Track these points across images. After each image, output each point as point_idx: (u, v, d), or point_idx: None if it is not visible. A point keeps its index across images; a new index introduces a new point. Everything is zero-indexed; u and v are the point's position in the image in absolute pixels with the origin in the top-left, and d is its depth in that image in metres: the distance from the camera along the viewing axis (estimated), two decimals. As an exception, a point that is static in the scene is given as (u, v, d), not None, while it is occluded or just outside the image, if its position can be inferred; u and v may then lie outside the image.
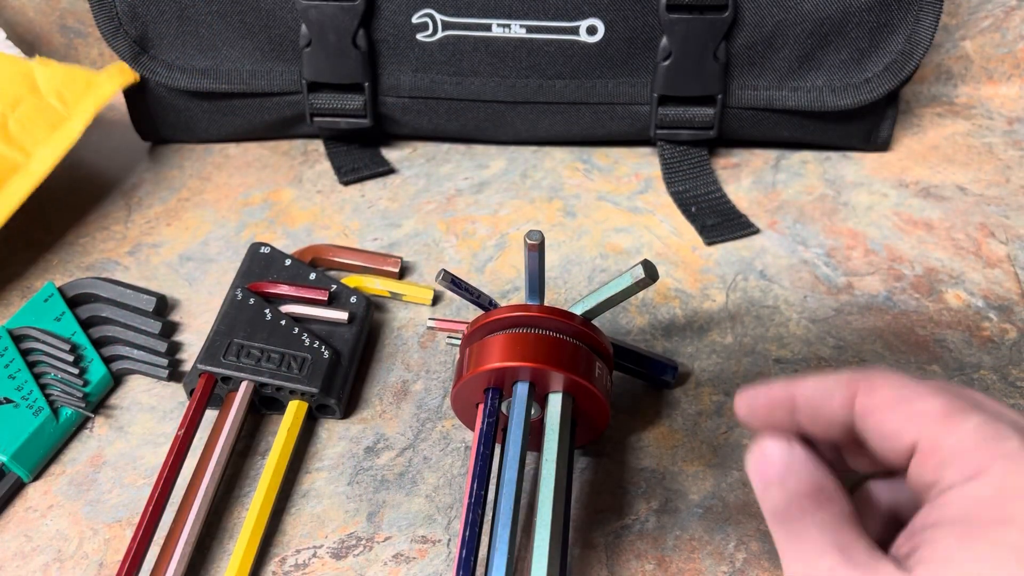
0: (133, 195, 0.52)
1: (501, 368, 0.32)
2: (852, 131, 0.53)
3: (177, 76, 0.51)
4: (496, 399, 0.33)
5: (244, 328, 0.39)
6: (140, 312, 0.42)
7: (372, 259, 0.45)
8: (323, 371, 0.38)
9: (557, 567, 0.28)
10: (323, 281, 0.42)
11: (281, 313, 0.40)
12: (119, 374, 0.41)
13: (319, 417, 0.39)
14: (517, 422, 0.32)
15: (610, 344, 0.35)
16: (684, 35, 0.48)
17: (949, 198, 0.51)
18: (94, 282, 0.43)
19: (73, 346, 0.40)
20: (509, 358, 0.32)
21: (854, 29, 0.48)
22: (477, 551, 0.30)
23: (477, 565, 0.30)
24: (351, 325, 0.41)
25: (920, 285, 0.45)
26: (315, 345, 0.39)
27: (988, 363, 0.41)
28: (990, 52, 0.60)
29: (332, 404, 0.38)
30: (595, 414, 0.34)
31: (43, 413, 0.37)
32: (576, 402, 0.33)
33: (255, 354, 0.38)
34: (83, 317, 0.42)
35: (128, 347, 0.41)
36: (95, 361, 0.40)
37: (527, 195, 0.52)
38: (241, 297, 0.41)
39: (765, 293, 0.45)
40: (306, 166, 0.55)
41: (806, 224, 0.49)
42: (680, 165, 0.53)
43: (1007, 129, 0.57)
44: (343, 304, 0.42)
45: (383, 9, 0.49)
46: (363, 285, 0.44)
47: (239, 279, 0.42)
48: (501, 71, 0.50)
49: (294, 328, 0.39)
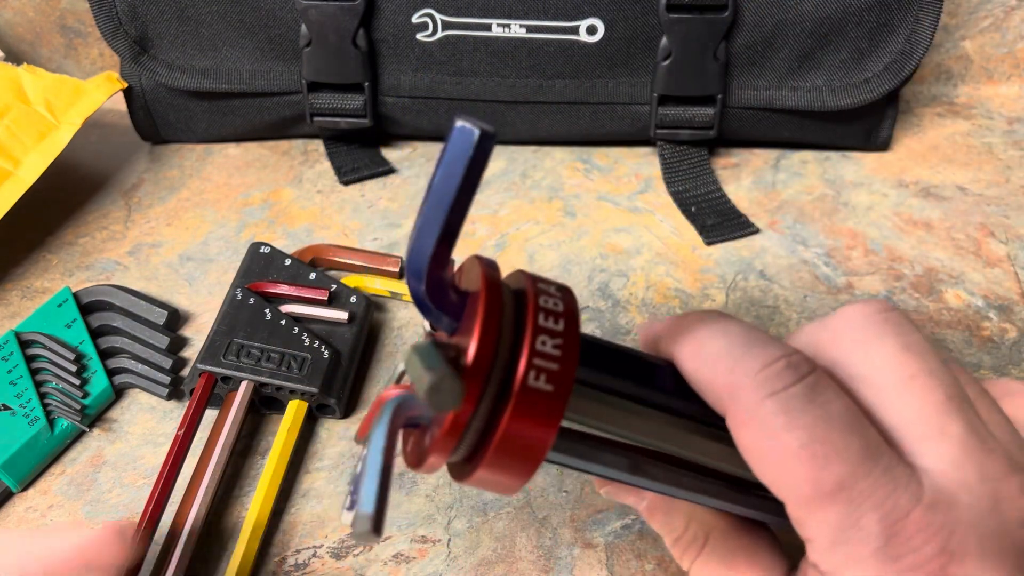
0: (133, 195, 0.52)
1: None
2: (852, 131, 0.53)
3: (177, 76, 0.51)
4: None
5: (244, 328, 0.39)
6: (151, 325, 0.42)
7: (372, 259, 0.45)
8: (323, 371, 0.38)
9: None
10: (323, 281, 0.42)
11: (281, 313, 0.40)
12: (121, 387, 0.40)
13: (319, 417, 0.39)
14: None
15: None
16: (684, 35, 0.48)
17: (949, 198, 0.51)
18: (109, 290, 0.43)
19: (78, 355, 0.39)
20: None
21: (854, 29, 0.48)
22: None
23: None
24: (351, 325, 0.41)
25: (920, 285, 0.45)
26: (315, 345, 0.39)
27: (988, 363, 0.41)
28: (990, 52, 0.60)
29: (332, 404, 0.38)
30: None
31: (38, 423, 0.37)
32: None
33: (255, 354, 0.38)
34: (94, 325, 0.41)
35: (133, 360, 0.40)
36: (98, 373, 0.39)
37: (527, 195, 0.52)
38: (241, 297, 0.41)
39: (765, 293, 0.45)
40: (306, 166, 0.54)
41: (806, 224, 0.49)
42: (680, 165, 0.53)
43: (1007, 129, 0.57)
44: (343, 304, 0.42)
45: (383, 9, 0.49)
46: (363, 285, 0.44)
47: (239, 278, 0.42)
48: (501, 71, 0.50)
49: (294, 328, 0.39)
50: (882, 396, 0.20)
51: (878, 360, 0.21)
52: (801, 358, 0.20)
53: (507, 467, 0.20)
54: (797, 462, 0.19)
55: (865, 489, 0.19)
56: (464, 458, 0.21)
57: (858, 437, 0.19)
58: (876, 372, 0.20)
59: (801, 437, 0.19)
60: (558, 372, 0.20)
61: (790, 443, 0.19)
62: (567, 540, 0.34)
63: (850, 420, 0.19)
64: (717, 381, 0.21)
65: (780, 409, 0.19)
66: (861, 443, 0.19)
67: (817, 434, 0.19)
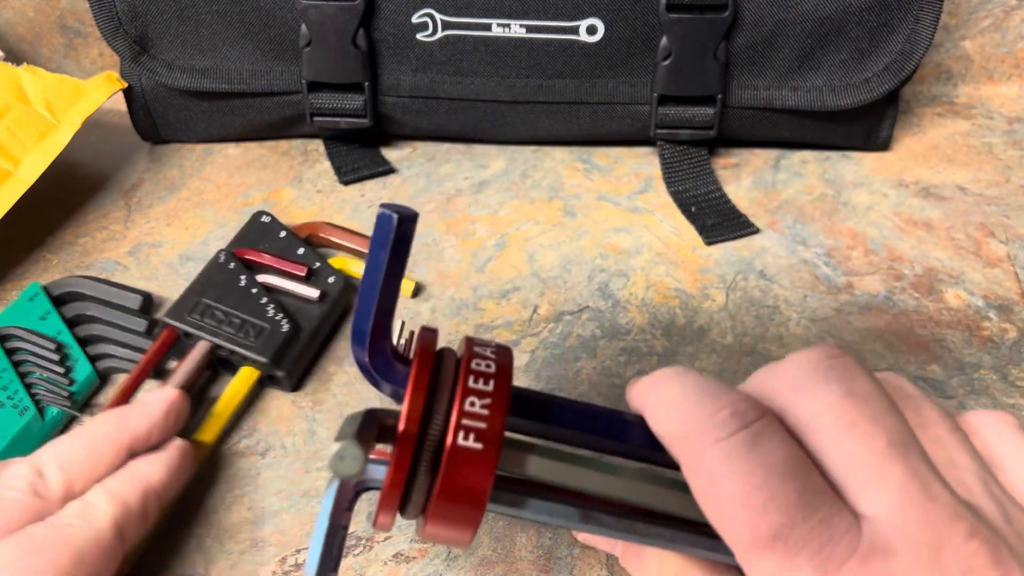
0: (133, 195, 0.52)
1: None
2: (852, 131, 0.53)
3: (177, 76, 0.51)
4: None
5: (216, 290, 0.41)
6: (126, 310, 0.42)
7: (365, 243, 0.46)
8: (277, 343, 0.39)
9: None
10: (309, 257, 0.43)
11: (255, 282, 0.41)
12: (105, 372, 0.41)
13: (268, 387, 0.40)
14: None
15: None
16: (684, 35, 0.48)
17: (949, 198, 0.51)
18: (79, 280, 0.43)
19: (58, 345, 0.40)
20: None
21: (854, 29, 0.48)
22: None
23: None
24: (321, 303, 0.42)
25: (920, 285, 0.45)
26: (277, 317, 0.40)
27: (988, 363, 0.41)
28: (990, 52, 0.60)
29: (280, 376, 0.39)
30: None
31: (28, 412, 0.37)
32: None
33: (219, 316, 0.40)
34: (68, 316, 0.42)
35: (114, 345, 0.41)
36: (81, 360, 0.40)
37: (527, 195, 0.52)
38: (223, 260, 0.42)
39: (765, 293, 0.45)
40: (306, 166, 0.55)
41: (806, 224, 0.49)
42: (680, 165, 0.53)
43: (1007, 129, 0.57)
44: (320, 282, 0.43)
45: (383, 9, 0.49)
46: (347, 267, 0.45)
47: (232, 243, 0.44)
48: (501, 71, 0.50)
49: (263, 298, 0.41)
50: (824, 443, 0.20)
51: (820, 407, 0.21)
52: (748, 406, 0.20)
53: (451, 520, 0.21)
54: (737, 509, 0.19)
55: (801, 538, 0.19)
56: (418, 514, 0.22)
57: (797, 485, 0.19)
58: (818, 419, 0.21)
59: (741, 484, 0.19)
60: (486, 431, 0.21)
61: (732, 490, 0.19)
62: (567, 540, 0.34)
63: (792, 468, 0.19)
64: (672, 430, 0.21)
65: (723, 456, 0.19)
66: (799, 491, 0.19)
67: (755, 481, 0.19)
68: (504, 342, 0.42)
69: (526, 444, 0.23)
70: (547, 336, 0.43)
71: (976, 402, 0.39)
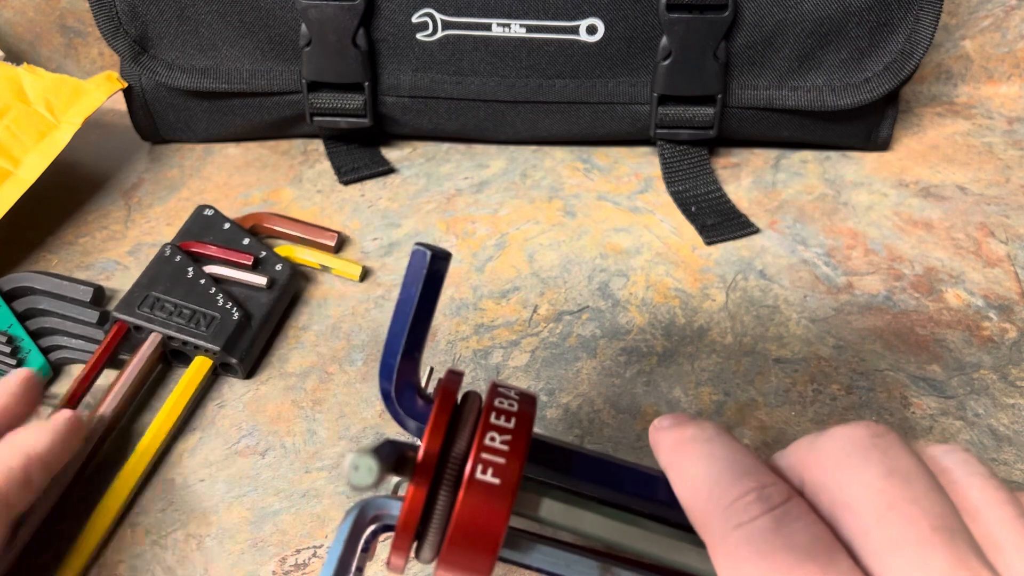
0: (133, 195, 0.52)
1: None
2: (852, 131, 0.53)
3: (177, 76, 0.51)
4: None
5: (164, 283, 0.41)
6: (77, 303, 0.42)
7: (309, 231, 0.47)
8: (229, 331, 0.40)
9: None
10: (254, 247, 0.44)
11: (203, 273, 0.42)
12: (58, 363, 0.41)
13: (222, 375, 0.41)
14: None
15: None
16: (684, 35, 0.48)
17: (949, 198, 0.51)
18: (29, 275, 0.43)
19: (9, 338, 0.40)
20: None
21: (854, 29, 0.48)
22: None
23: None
24: (270, 291, 0.42)
25: (920, 285, 0.45)
26: (227, 306, 0.41)
27: (988, 363, 0.41)
28: (990, 52, 0.60)
29: (234, 363, 0.40)
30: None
31: None
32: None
33: (168, 308, 0.40)
34: (19, 310, 0.42)
35: (66, 337, 0.41)
36: (33, 352, 0.40)
37: (527, 195, 0.52)
38: (169, 253, 0.43)
39: (765, 293, 0.45)
40: (306, 166, 0.55)
41: (806, 224, 0.49)
42: (680, 165, 0.53)
43: (1007, 129, 0.57)
44: (267, 271, 0.43)
45: (383, 8, 0.49)
46: (293, 255, 0.46)
47: (177, 237, 0.44)
48: (501, 71, 0.50)
49: (211, 288, 0.41)
50: (861, 525, 0.19)
51: (858, 486, 0.20)
52: (774, 489, 0.20)
53: (466, 559, 0.21)
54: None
55: None
56: (433, 556, 0.22)
57: (818, 570, 0.18)
58: (855, 499, 0.20)
59: (762, 568, 0.19)
60: (505, 466, 0.21)
61: (752, 574, 0.19)
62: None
63: (816, 552, 0.19)
64: (696, 508, 0.21)
65: (745, 540, 0.19)
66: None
67: (777, 566, 0.19)
68: (504, 342, 0.42)
69: (545, 485, 0.23)
70: (547, 336, 0.43)
71: (976, 402, 0.39)
